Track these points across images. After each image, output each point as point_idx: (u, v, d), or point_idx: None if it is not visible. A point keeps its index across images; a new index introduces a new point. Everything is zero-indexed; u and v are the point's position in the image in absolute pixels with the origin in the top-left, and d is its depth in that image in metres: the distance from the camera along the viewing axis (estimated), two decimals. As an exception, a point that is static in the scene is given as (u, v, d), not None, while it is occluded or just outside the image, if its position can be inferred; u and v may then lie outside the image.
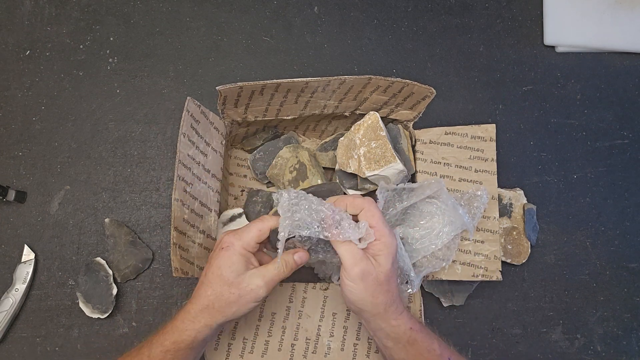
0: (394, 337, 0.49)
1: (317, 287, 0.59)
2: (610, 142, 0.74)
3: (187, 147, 0.55)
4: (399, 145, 0.64)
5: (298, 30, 0.77)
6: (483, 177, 0.63)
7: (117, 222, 0.69)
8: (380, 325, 0.49)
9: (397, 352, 0.50)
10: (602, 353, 0.68)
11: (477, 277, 0.61)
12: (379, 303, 0.48)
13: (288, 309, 0.59)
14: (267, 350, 0.58)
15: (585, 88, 0.76)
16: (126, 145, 0.74)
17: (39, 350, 0.68)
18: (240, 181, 0.71)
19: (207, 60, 0.76)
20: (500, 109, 0.75)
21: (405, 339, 0.49)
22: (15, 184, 0.72)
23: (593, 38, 0.76)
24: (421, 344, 0.50)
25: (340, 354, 0.58)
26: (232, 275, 0.48)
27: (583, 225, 0.72)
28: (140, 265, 0.68)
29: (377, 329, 0.50)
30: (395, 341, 0.50)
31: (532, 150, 0.74)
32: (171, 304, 0.69)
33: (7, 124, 0.74)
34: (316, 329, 0.58)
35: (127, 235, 0.69)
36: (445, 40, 0.77)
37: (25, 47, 0.76)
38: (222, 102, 0.58)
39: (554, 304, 0.69)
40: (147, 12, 0.78)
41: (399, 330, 0.49)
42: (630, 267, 0.71)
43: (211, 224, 0.60)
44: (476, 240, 0.62)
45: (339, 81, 0.57)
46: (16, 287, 0.68)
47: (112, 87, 0.75)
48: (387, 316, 0.49)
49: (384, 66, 0.76)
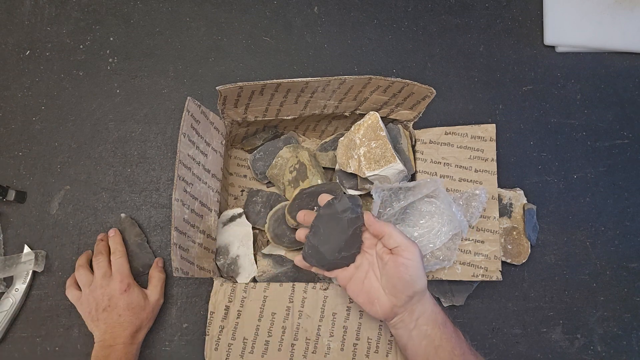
0: (433, 318, 0.51)
1: (317, 287, 0.59)
2: (610, 142, 0.74)
3: (187, 147, 0.55)
4: (399, 145, 0.64)
5: (298, 30, 0.77)
6: (483, 177, 0.63)
7: (131, 220, 0.70)
8: (425, 307, 0.51)
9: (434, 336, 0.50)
10: (602, 353, 0.68)
11: (477, 277, 0.61)
12: (425, 280, 0.51)
13: (288, 309, 0.59)
14: (267, 350, 0.58)
15: (585, 88, 0.76)
16: (126, 145, 0.74)
17: (39, 350, 0.68)
18: (240, 181, 0.71)
19: (207, 60, 0.76)
20: (500, 109, 0.75)
21: (440, 319, 0.51)
22: (15, 184, 0.72)
23: (593, 38, 0.76)
24: (449, 324, 0.52)
25: (340, 354, 0.58)
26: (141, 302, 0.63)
27: (583, 225, 0.72)
28: (140, 269, 0.68)
29: (422, 312, 0.51)
30: (434, 323, 0.50)
31: (532, 150, 0.74)
32: (171, 304, 0.69)
33: (7, 124, 0.74)
34: (316, 329, 0.58)
35: (137, 236, 0.69)
36: (445, 40, 0.77)
37: (25, 47, 0.76)
38: (222, 102, 0.58)
39: (554, 304, 0.69)
40: (147, 12, 0.78)
41: (437, 310, 0.51)
42: (630, 267, 0.71)
43: (211, 224, 0.60)
44: (476, 240, 0.62)
45: (339, 81, 0.57)
46: (16, 287, 0.68)
47: (112, 87, 0.75)
48: (429, 294, 0.52)
49: (384, 66, 0.76)
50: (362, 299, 0.52)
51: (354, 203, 0.52)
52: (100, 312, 0.61)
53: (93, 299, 0.62)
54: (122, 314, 0.60)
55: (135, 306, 0.62)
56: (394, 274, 0.49)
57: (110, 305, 0.61)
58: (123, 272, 0.63)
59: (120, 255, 0.65)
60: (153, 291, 0.65)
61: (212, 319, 0.58)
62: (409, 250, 0.49)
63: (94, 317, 0.62)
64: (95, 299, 0.62)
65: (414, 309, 0.51)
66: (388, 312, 0.51)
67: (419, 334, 0.50)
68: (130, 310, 0.61)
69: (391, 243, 0.50)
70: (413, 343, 0.51)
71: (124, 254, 0.66)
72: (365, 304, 0.52)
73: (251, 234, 0.65)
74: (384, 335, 0.58)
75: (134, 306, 0.61)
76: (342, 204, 0.52)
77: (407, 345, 0.51)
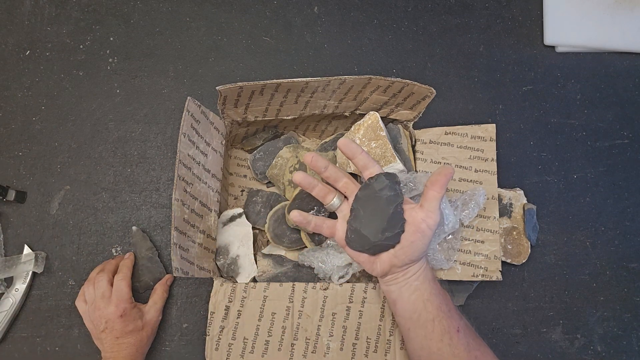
0: (424, 274, 0.53)
1: (317, 287, 0.59)
2: (610, 142, 0.74)
3: (187, 147, 0.55)
4: (399, 145, 0.64)
5: (298, 30, 0.77)
6: (483, 177, 0.63)
7: (142, 233, 0.69)
8: (419, 268, 0.53)
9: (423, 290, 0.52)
10: (602, 353, 0.68)
11: (477, 277, 0.61)
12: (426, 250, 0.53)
13: (288, 309, 0.59)
14: (267, 350, 0.58)
15: (585, 88, 0.76)
16: (126, 145, 0.74)
17: (39, 350, 0.68)
18: (240, 181, 0.71)
19: (207, 60, 0.76)
20: (500, 109, 0.75)
21: (430, 276, 0.53)
22: (15, 184, 0.72)
23: (593, 38, 0.76)
24: (437, 282, 0.54)
25: (340, 354, 0.58)
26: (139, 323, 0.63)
27: (583, 225, 0.72)
28: (151, 283, 0.68)
29: (414, 273, 0.52)
30: (424, 278, 0.52)
31: (532, 150, 0.74)
32: (171, 304, 0.69)
33: (7, 124, 0.74)
34: (316, 329, 0.58)
35: (148, 250, 0.68)
36: (445, 40, 0.77)
37: (25, 47, 0.76)
38: (222, 102, 0.58)
39: (554, 304, 0.69)
40: (147, 12, 0.78)
41: (428, 268, 0.54)
42: (630, 267, 0.71)
43: (211, 224, 0.60)
44: (476, 240, 0.62)
45: (339, 81, 0.57)
46: (16, 287, 0.68)
47: (112, 87, 0.75)
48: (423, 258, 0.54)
49: (384, 66, 0.76)
50: (363, 257, 0.54)
51: (391, 180, 0.51)
52: (99, 332, 0.61)
53: (92, 320, 0.62)
54: (120, 337, 0.60)
55: (132, 329, 0.61)
56: (411, 239, 0.51)
57: (107, 328, 0.60)
58: (121, 297, 0.61)
59: (123, 277, 0.63)
60: (152, 308, 0.65)
61: (212, 319, 0.58)
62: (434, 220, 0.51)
63: (95, 336, 0.62)
64: (93, 320, 0.62)
65: (408, 270, 0.52)
66: (386, 271, 0.53)
67: (409, 288, 0.52)
68: (127, 333, 0.61)
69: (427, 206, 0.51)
70: (402, 298, 0.52)
71: (126, 277, 0.64)
72: (366, 263, 0.54)
73: (251, 234, 0.65)
74: (382, 334, 0.58)
75: (130, 329, 0.61)
76: (379, 183, 0.51)
77: (396, 300, 0.53)
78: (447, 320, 0.50)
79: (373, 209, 0.51)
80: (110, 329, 0.60)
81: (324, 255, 0.61)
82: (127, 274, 0.64)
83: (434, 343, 0.50)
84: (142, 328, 0.62)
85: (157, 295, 0.66)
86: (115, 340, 0.60)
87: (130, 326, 0.61)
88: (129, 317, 0.61)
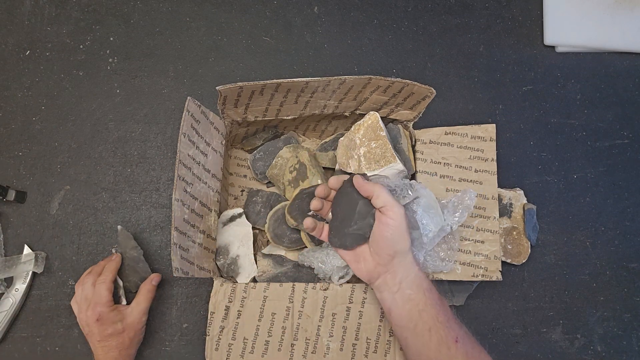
0: (418, 283, 0.52)
1: (317, 287, 0.59)
2: (610, 142, 0.74)
3: (187, 147, 0.55)
4: (399, 145, 0.64)
5: (298, 30, 0.77)
6: (483, 177, 0.63)
7: (126, 232, 0.68)
8: (408, 271, 0.52)
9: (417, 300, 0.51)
10: (602, 353, 0.68)
11: (477, 277, 0.61)
12: (408, 243, 0.52)
13: (288, 309, 0.59)
14: (267, 351, 0.58)
15: (585, 88, 0.76)
16: (126, 145, 0.74)
17: (39, 350, 0.68)
18: (240, 181, 0.71)
19: (207, 60, 0.76)
20: (500, 109, 0.75)
21: (425, 285, 0.52)
22: (15, 184, 0.72)
23: (593, 38, 0.76)
24: (435, 291, 0.52)
25: (340, 354, 0.58)
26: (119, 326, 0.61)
27: (583, 225, 0.72)
28: (139, 282, 0.67)
29: (405, 276, 0.52)
30: (418, 288, 0.52)
31: (532, 150, 0.74)
32: (171, 304, 0.69)
33: (7, 124, 0.74)
34: (316, 329, 0.58)
35: (133, 250, 0.68)
36: (445, 40, 0.77)
37: (25, 47, 0.76)
38: (222, 102, 0.58)
39: (554, 304, 0.69)
40: (147, 12, 0.78)
41: (422, 276, 0.52)
42: (630, 267, 0.71)
43: (211, 224, 0.60)
44: (476, 240, 0.62)
45: (339, 81, 0.57)
46: (16, 287, 0.68)
47: (112, 87, 0.75)
48: (412, 259, 0.53)
49: (384, 66, 0.76)
50: (350, 256, 0.55)
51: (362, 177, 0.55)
52: (86, 333, 0.62)
53: (79, 321, 0.62)
54: (101, 340, 0.60)
55: (111, 333, 0.60)
56: (377, 231, 0.52)
57: (90, 332, 0.61)
58: (98, 301, 0.60)
59: (103, 281, 0.62)
60: (134, 310, 0.63)
61: (212, 319, 0.58)
62: (393, 210, 0.51)
63: (85, 335, 0.62)
64: (79, 321, 0.62)
65: (396, 271, 0.52)
66: (372, 271, 0.53)
67: (402, 297, 0.52)
68: (106, 337, 0.60)
69: (379, 202, 0.52)
70: (397, 306, 0.52)
71: (106, 280, 0.62)
72: (352, 262, 0.55)
73: (251, 234, 0.65)
74: (382, 335, 0.58)
75: (109, 333, 0.60)
76: (350, 181, 0.55)
77: (391, 309, 0.52)
78: (445, 331, 0.50)
79: (345, 205, 0.55)
80: (91, 333, 0.60)
81: (324, 255, 0.61)
82: (109, 276, 0.63)
83: (432, 352, 0.50)
84: (122, 331, 0.61)
85: (141, 295, 0.64)
86: (98, 343, 0.60)
87: (108, 330, 0.60)
88: (106, 321, 0.60)
